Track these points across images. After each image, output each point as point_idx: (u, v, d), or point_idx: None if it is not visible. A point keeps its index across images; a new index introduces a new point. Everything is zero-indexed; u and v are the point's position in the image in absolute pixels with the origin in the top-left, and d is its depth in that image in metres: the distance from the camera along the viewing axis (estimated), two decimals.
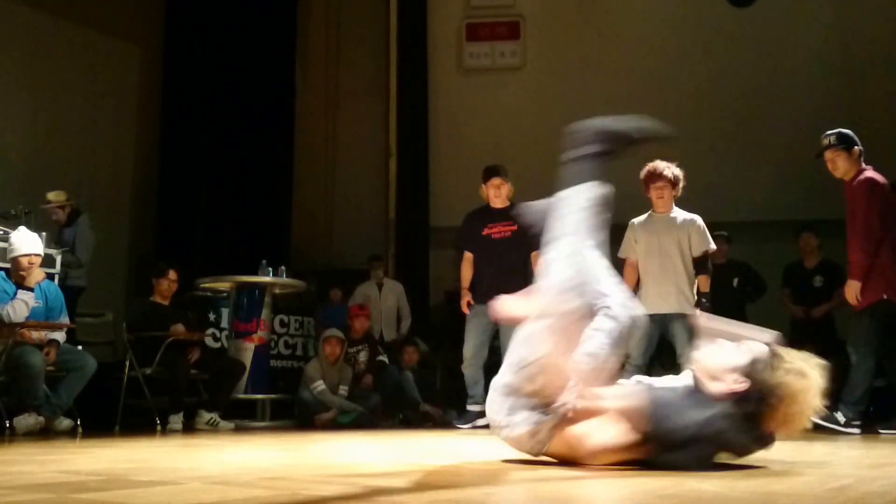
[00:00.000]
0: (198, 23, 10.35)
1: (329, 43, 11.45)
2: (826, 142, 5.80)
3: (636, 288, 6.12)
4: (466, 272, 6.68)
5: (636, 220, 6.25)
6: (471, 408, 6.52)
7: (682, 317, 5.89)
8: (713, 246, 6.17)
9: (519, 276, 6.30)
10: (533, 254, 6.36)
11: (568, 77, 10.65)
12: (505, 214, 6.59)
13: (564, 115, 11.73)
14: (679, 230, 6.07)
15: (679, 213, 6.18)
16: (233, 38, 10.36)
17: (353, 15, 11.46)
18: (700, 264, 6.06)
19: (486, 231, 6.62)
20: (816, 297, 7.68)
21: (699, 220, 6.13)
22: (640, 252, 6.13)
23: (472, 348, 6.55)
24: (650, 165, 6.15)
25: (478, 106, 10.75)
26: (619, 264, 6.35)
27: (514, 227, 6.48)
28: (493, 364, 6.73)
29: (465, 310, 6.59)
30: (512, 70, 10.94)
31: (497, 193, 6.63)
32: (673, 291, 5.98)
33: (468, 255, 6.69)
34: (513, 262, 6.44)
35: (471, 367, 6.55)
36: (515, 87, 10.76)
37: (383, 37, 11.14)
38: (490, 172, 6.71)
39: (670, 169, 6.11)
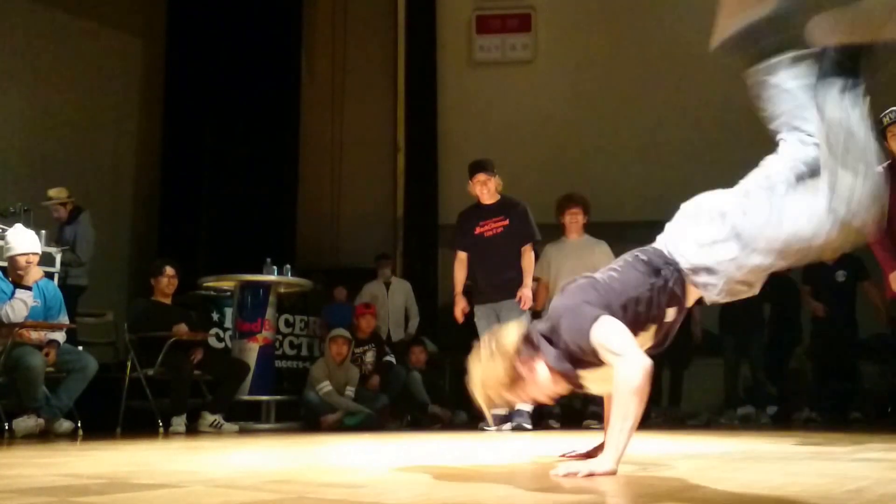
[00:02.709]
0: (201, 15, 10.34)
1: (336, 36, 11.40)
2: None
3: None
4: (460, 275, 6.63)
5: (551, 245, 7.01)
6: (496, 411, 6.43)
7: None
8: None
9: (514, 270, 6.37)
10: (524, 247, 6.40)
11: (580, 70, 10.60)
12: (495, 210, 6.55)
13: (576, 108, 11.80)
14: (589, 255, 6.68)
15: (588, 240, 6.98)
16: (237, 31, 10.34)
17: (360, 7, 11.43)
18: None
19: (478, 230, 6.55)
20: (839, 292, 7.52)
21: (606, 245, 6.85)
22: (552, 273, 6.78)
23: None
24: (567, 194, 7.06)
25: (488, 100, 10.70)
26: None
27: (506, 222, 6.52)
28: None
29: (459, 318, 6.54)
30: (523, 63, 10.90)
31: (483, 189, 6.53)
32: None
33: (461, 256, 6.63)
34: (506, 258, 6.45)
35: None
36: (526, 80, 10.72)
37: (391, 29, 11.12)
38: (474, 169, 6.61)
39: (584, 197, 6.97)
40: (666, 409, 7.94)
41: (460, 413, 7.71)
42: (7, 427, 5.51)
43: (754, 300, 7.84)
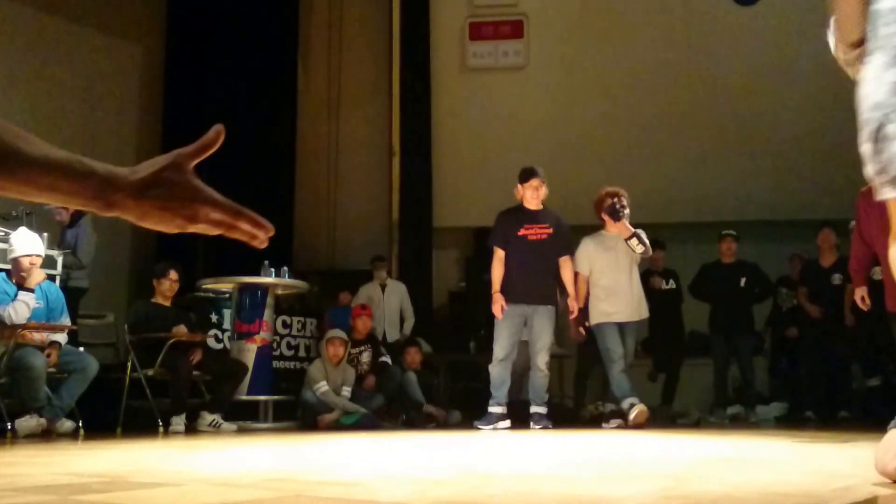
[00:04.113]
0: (199, 22, 10.37)
1: (331, 42, 11.43)
2: None
3: (586, 300, 6.81)
4: (498, 272, 6.62)
5: (589, 238, 6.87)
6: (493, 409, 6.52)
7: (634, 326, 6.78)
8: (650, 253, 6.92)
9: (551, 277, 6.51)
10: (562, 259, 6.51)
11: (571, 76, 10.64)
12: (541, 217, 6.69)
13: (568, 114, 11.86)
14: (627, 248, 6.73)
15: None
16: (235, 38, 10.37)
17: (355, 14, 11.45)
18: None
19: (522, 232, 6.63)
20: (834, 295, 7.56)
21: (643, 232, 6.77)
22: (595, 267, 6.76)
23: (505, 349, 6.56)
24: (607, 189, 6.86)
25: (481, 105, 10.73)
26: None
27: (550, 231, 6.63)
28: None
29: (499, 315, 6.54)
30: (515, 69, 10.92)
31: (535, 195, 6.66)
32: (630, 302, 6.73)
33: (500, 254, 6.66)
34: (546, 265, 6.60)
35: (501, 366, 6.57)
36: (519, 86, 10.75)
37: (386, 36, 11.12)
38: (529, 173, 6.74)
39: (622, 191, 6.84)
40: (658, 408, 8.01)
41: (454, 413, 7.77)
42: (10, 427, 5.52)
43: (743, 303, 7.94)
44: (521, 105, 10.58)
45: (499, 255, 6.66)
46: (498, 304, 6.53)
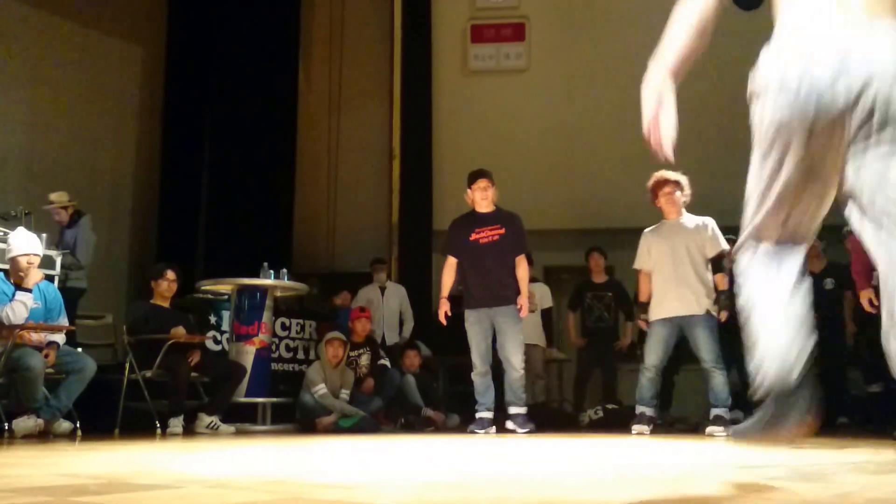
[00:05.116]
0: (201, 24, 10.41)
1: (333, 44, 11.46)
2: None
3: (650, 296, 6.40)
4: (447, 279, 6.62)
5: (648, 230, 6.48)
6: (483, 415, 6.48)
7: (702, 318, 6.16)
8: (727, 246, 6.23)
9: (509, 278, 6.43)
10: (518, 258, 6.44)
11: (573, 79, 10.64)
12: (491, 219, 6.60)
13: (569, 117, 11.87)
14: (692, 234, 6.28)
15: (690, 218, 6.39)
16: (236, 39, 10.41)
17: (356, 16, 11.47)
18: (716, 264, 6.27)
19: (473, 236, 6.57)
20: (826, 301, 7.53)
21: (711, 222, 6.33)
22: (654, 259, 6.35)
23: (480, 355, 6.52)
24: (656, 175, 6.37)
25: (482, 108, 10.74)
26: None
27: (502, 231, 6.55)
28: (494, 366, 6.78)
29: (443, 320, 6.51)
30: (517, 72, 10.94)
31: (484, 196, 6.58)
32: (691, 294, 6.18)
33: (451, 261, 6.64)
34: (501, 265, 6.50)
35: (481, 374, 6.53)
36: (520, 88, 10.75)
37: (387, 38, 11.15)
38: (476, 175, 6.68)
39: (676, 175, 6.36)
40: (656, 412, 8.00)
41: (453, 416, 7.77)
42: (7, 427, 5.54)
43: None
44: (522, 108, 10.58)
45: (450, 262, 6.64)
46: (442, 311, 6.51)
